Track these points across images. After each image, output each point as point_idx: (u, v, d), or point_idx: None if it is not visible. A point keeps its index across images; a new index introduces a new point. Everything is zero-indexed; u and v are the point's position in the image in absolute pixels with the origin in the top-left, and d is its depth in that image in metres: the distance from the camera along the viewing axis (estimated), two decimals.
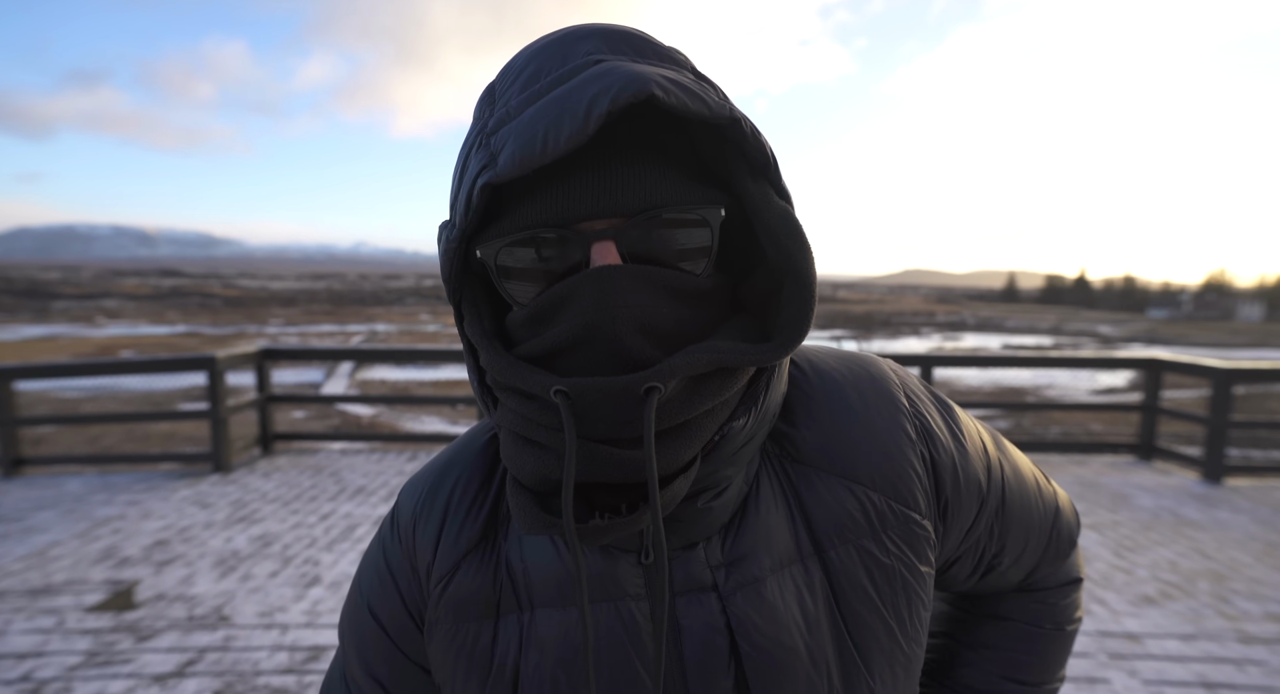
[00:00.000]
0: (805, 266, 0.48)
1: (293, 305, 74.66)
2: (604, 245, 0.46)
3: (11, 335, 38.96)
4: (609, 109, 0.40)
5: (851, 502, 0.54)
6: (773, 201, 0.48)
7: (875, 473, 0.55)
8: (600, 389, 0.44)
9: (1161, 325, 76.85)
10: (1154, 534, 4.36)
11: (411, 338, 43.08)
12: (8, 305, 66.42)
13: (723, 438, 0.48)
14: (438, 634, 0.57)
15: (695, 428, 0.47)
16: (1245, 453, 8.31)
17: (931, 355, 6.98)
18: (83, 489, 5.25)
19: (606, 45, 0.48)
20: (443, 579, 0.57)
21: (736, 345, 0.46)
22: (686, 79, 0.45)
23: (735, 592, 0.52)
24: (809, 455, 0.56)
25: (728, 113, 0.44)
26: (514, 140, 0.43)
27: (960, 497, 0.59)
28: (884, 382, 0.60)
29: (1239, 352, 41.19)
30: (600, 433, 0.45)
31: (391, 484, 5.36)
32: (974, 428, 0.64)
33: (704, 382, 0.47)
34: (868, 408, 0.58)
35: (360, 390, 19.41)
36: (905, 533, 0.55)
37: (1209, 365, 5.73)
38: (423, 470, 0.63)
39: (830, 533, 0.54)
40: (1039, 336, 52.42)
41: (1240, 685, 2.75)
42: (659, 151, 0.47)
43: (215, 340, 36.82)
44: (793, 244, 0.48)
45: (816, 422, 0.56)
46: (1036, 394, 18.56)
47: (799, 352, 0.62)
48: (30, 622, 3.20)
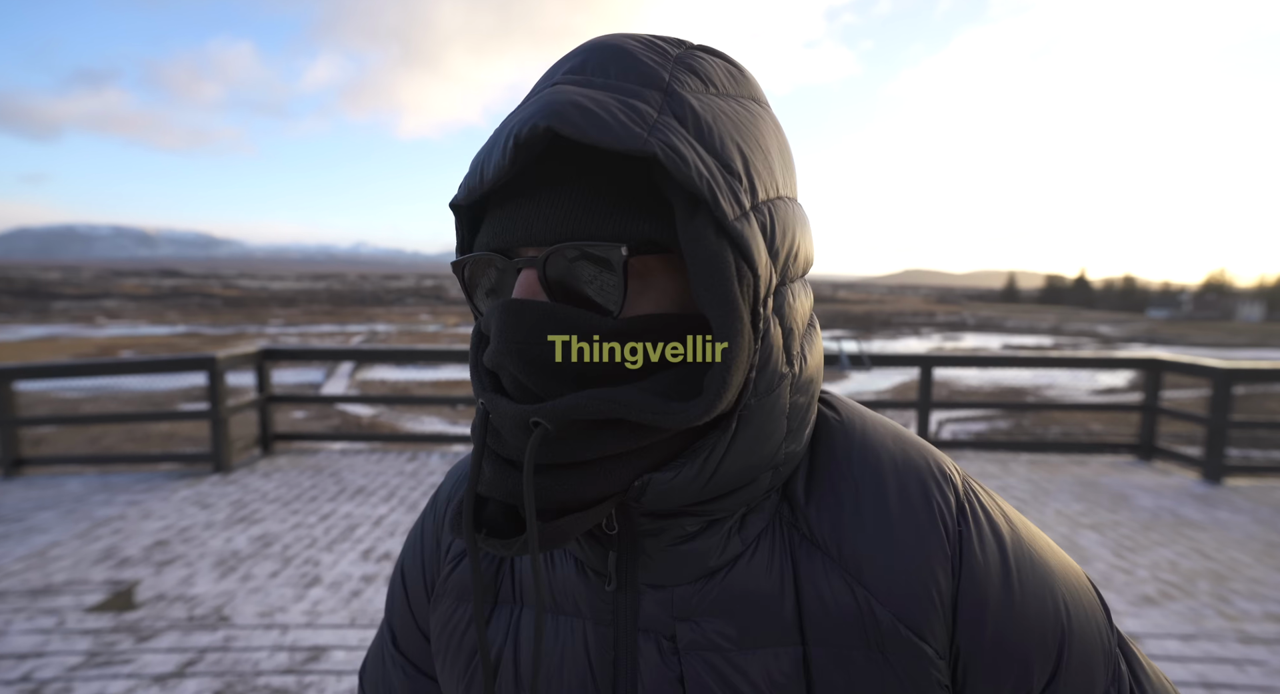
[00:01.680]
0: (721, 325, 0.43)
1: (293, 306, 74.65)
2: (527, 274, 0.46)
3: (11, 335, 38.96)
4: (515, 143, 0.42)
5: (849, 603, 0.48)
6: (702, 242, 0.42)
7: (886, 583, 0.48)
8: (499, 412, 0.45)
9: (1161, 325, 76.83)
10: (1154, 534, 4.37)
11: (411, 338, 43.08)
12: (8, 305, 66.40)
13: (646, 487, 0.46)
14: (440, 609, 0.61)
15: (599, 470, 0.45)
16: (1245, 453, 8.30)
17: (931, 355, 6.98)
18: (83, 489, 5.25)
19: (584, 64, 0.47)
20: (455, 558, 0.61)
21: (644, 399, 0.43)
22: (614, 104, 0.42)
23: (692, 650, 0.50)
24: (819, 536, 0.50)
25: (639, 144, 0.40)
26: (470, 167, 0.47)
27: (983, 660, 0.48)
28: (936, 483, 0.51)
29: (1239, 351, 41.19)
30: (510, 454, 0.46)
31: (391, 484, 5.36)
32: (1051, 607, 0.49)
33: (602, 427, 0.45)
34: (904, 506, 0.50)
35: (360, 390, 19.41)
36: (910, 665, 0.47)
37: (1209, 365, 5.73)
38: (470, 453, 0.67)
39: (817, 628, 0.48)
40: (1039, 337, 52.41)
41: (1240, 685, 2.75)
42: (592, 179, 0.45)
43: (215, 341, 36.82)
44: (707, 297, 0.43)
45: (835, 501, 0.51)
46: (1036, 394, 18.55)
47: (853, 414, 0.56)
48: (30, 622, 3.20)
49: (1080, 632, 0.50)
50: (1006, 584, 0.49)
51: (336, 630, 3.14)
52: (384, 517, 4.63)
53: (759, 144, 0.47)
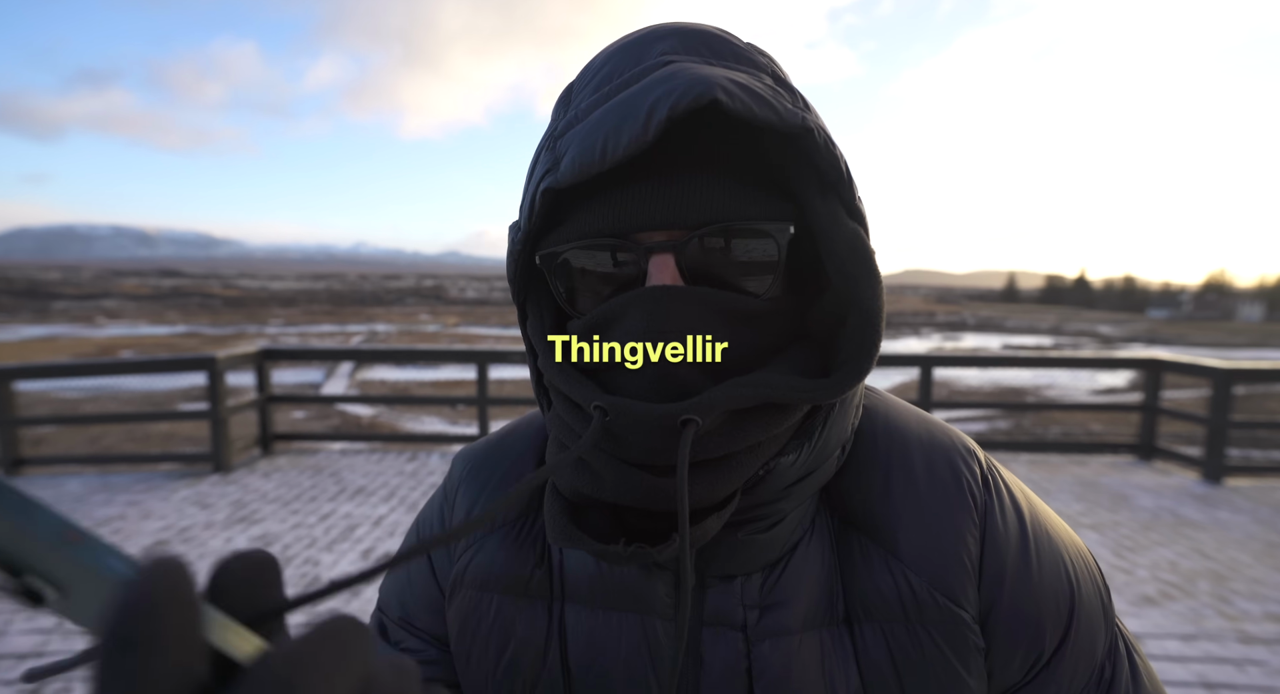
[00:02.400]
0: (871, 299, 0.44)
1: (293, 306, 74.68)
2: (662, 259, 0.44)
3: (11, 335, 38.96)
4: (669, 114, 0.38)
5: (885, 578, 0.49)
6: (841, 222, 0.45)
7: (922, 553, 0.49)
8: (637, 415, 0.42)
9: (1161, 325, 76.87)
10: (1154, 534, 4.36)
11: (411, 338, 43.09)
12: (8, 305, 66.44)
13: (768, 473, 0.46)
14: (459, 597, 0.56)
15: (736, 462, 0.44)
16: (1245, 453, 8.31)
17: (931, 355, 6.98)
18: (83, 489, 5.25)
19: (681, 45, 0.46)
20: (472, 545, 0.57)
21: (787, 380, 0.44)
22: (759, 84, 0.43)
23: (764, 638, 0.49)
24: (855, 515, 0.51)
25: (799, 121, 0.41)
26: (577, 145, 0.42)
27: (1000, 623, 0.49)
28: (963, 459, 0.53)
29: (1239, 352, 41.20)
30: (634, 457, 0.44)
31: (391, 484, 5.36)
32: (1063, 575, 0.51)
33: (749, 415, 0.44)
34: (932, 480, 0.51)
35: (360, 390, 19.40)
36: (948, 632, 0.48)
37: (1209, 365, 5.73)
38: (481, 440, 0.65)
39: (860, 606, 0.49)
40: (1039, 337, 52.42)
41: (1240, 685, 2.75)
42: (726, 160, 0.44)
43: (215, 340, 36.83)
44: (859, 271, 0.44)
45: (870, 480, 0.52)
46: (1036, 394, 18.57)
47: (877, 398, 0.58)
48: (30, 622, 3.20)
49: (1088, 602, 0.52)
50: (1024, 553, 0.50)
51: None
52: (384, 517, 4.63)
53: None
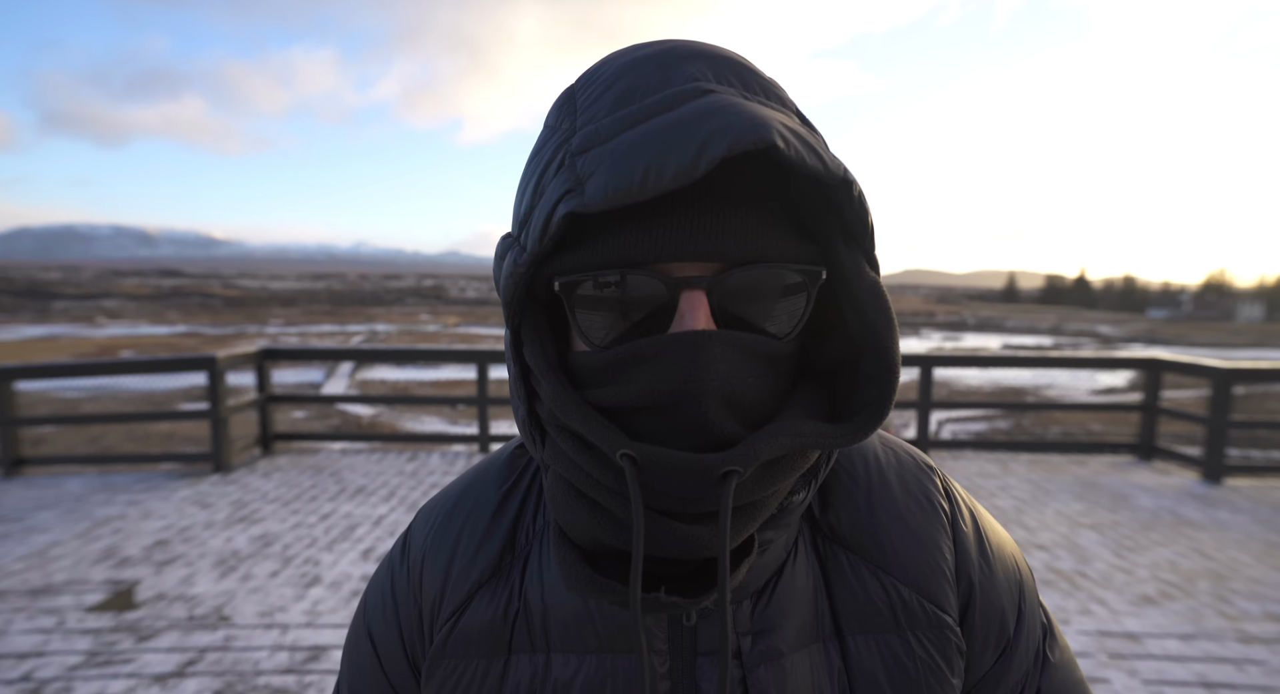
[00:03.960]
0: (891, 346, 0.45)
1: (293, 305, 74.64)
2: (694, 294, 0.43)
3: (11, 335, 38.95)
4: (725, 154, 0.36)
5: (878, 591, 0.52)
6: (865, 272, 0.45)
7: (908, 565, 0.52)
8: (675, 465, 0.41)
9: (1161, 325, 76.82)
10: (1154, 534, 4.36)
11: (411, 338, 43.06)
12: (8, 305, 66.40)
13: (781, 512, 0.48)
14: (440, 670, 0.54)
15: (761, 506, 0.45)
16: (1245, 453, 8.30)
17: (931, 355, 6.98)
18: (83, 489, 5.25)
19: (712, 71, 0.44)
20: (454, 615, 0.55)
21: (818, 427, 0.44)
22: (802, 129, 0.42)
23: (758, 663, 0.49)
24: (841, 535, 0.54)
25: (841, 174, 0.41)
26: (607, 168, 0.39)
27: (975, 621, 0.53)
28: (927, 475, 0.57)
29: (1239, 351, 41.19)
30: (662, 505, 0.43)
31: (391, 484, 5.36)
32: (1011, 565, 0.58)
33: (778, 462, 0.45)
34: (908, 497, 0.55)
35: (360, 390, 19.40)
36: (936, 637, 0.51)
37: (1209, 365, 5.73)
38: (438, 496, 0.63)
39: (853, 619, 0.51)
40: (1039, 336, 52.41)
41: (1240, 685, 2.75)
42: (762, 197, 0.44)
43: (215, 340, 36.81)
44: (880, 321, 0.45)
45: (853, 501, 0.54)
46: (1036, 394, 18.57)
47: None
48: (31, 622, 3.20)
49: (1027, 581, 0.58)
50: (984, 552, 0.56)
51: (337, 630, 3.14)
52: (384, 516, 4.63)
53: None
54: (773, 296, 0.45)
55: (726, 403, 0.43)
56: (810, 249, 0.45)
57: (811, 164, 0.39)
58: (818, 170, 0.40)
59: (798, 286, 0.45)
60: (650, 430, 0.43)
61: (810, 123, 0.47)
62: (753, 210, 0.43)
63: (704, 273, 0.43)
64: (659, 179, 0.37)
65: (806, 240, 0.46)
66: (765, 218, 0.43)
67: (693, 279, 0.42)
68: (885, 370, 0.46)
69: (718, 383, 0.42)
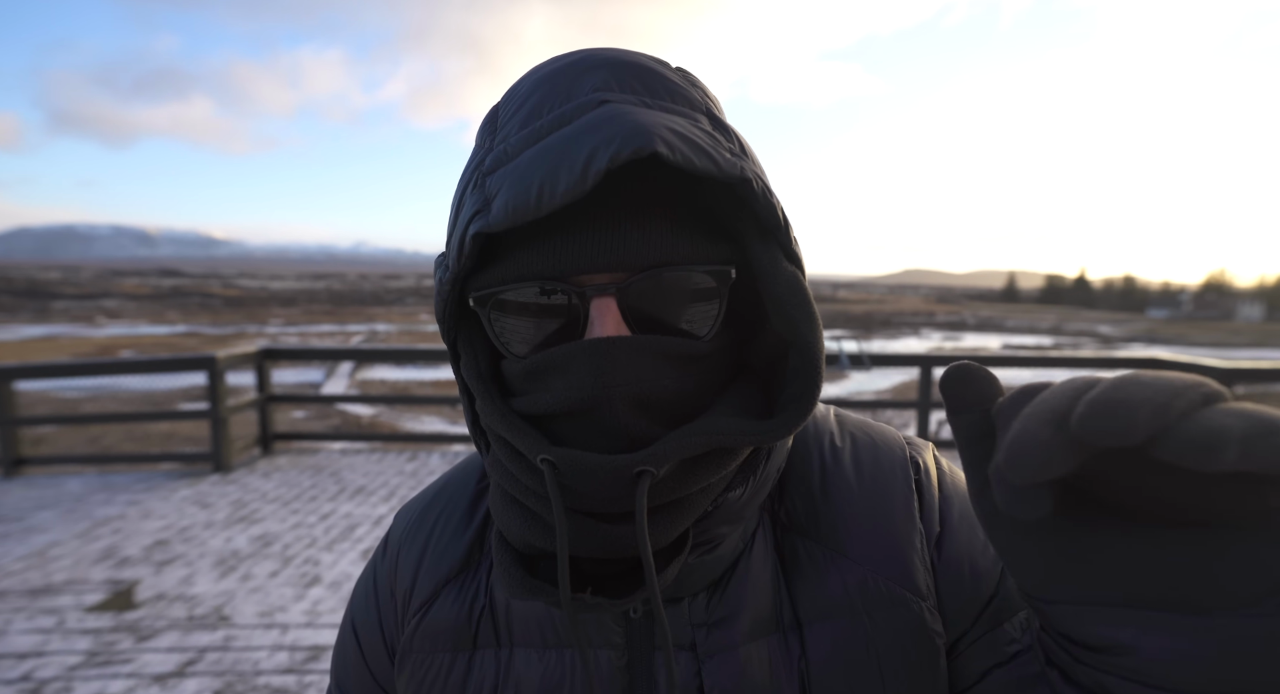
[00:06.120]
0: (811, 339, 0.45)
1: (293, 305, 74.72)
2: (604, 302, 0.44)
3: (11, 335, 38.98)
4: (608, 166, 0.38)
5: (835, 578, 0.51)
6: (780, 266, 0.45)
7: (866, 547, 0.51)
8: (589, 468, 0.42)
9: (1161, 325, 76.92)
10: None
11: (411, 338, 43.09)
12: (8, 305, 66.46)
13: (717, 508, 0.47)
14: (409, 664, 0.55)
15: (689, 503, 0.45)
16: None
17: (931, 355, 6.99)
18: (83, 489, 5.26)
19: (614, 79, 0.45)
20: (422, 607, 0.56)
21: (736, 424, 0.44)
22: (697, 130, 0.42)
23: (712, 654, 0.49)
24: (798, 523, 0.53)
25: (738, 172, 0.41)
26: (508, 188, 0.41)
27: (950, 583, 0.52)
28: (888, 451, 0.56)
29: (1239, 351, 41.22)
30: (586, 506, 0.44)
31: (391, 484, 5.36)
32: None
33: (700, 460, 0.45)
34: (864, 477, 0.54)
35: (360, 390, 19.40)
36: (898, 616, 0.49)
37: (1209, 365, 5.73)
38: (418, 495, 0.64)
39: (811, 608, 0.50)
40: (1039, 336, 52.44)
41: None
42: (667, 202, 0.44)
43: (215, 340, 36.83)
44: (798, 314, 0.45)
45: (807, 489, 0.54)
46: None
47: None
48: (30, 621, 3.21)
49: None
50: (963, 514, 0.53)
51: (336, 630, 3.14)
52: (384, 516, 4.63)
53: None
54: (683, 298, 0.46)
55: (639, 405, 0.43)
56: (724, 249, 0.46)
57: (702, 166, 0.40)
58: (710, 171, 0.40)
59: (707, 287, 0.46)
60: (571, 435, 0.45)
61: (722, 122, 0.47)
62: (655, 217, 0.44)
63: (612, 281, 0.44)
64: (552, 197, 0.38)
65: (719, 241, 0.46)
66: (669, 223, 0.44)
67: (602, 287, 0.44)
68: (807, 363, 0.46)
69: (627, 387, 0.43)
